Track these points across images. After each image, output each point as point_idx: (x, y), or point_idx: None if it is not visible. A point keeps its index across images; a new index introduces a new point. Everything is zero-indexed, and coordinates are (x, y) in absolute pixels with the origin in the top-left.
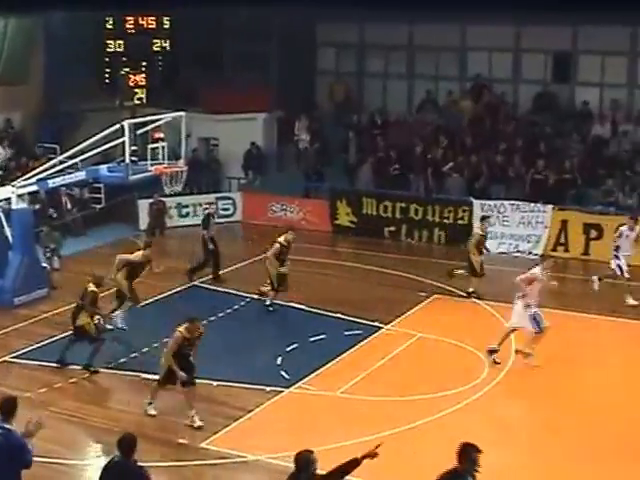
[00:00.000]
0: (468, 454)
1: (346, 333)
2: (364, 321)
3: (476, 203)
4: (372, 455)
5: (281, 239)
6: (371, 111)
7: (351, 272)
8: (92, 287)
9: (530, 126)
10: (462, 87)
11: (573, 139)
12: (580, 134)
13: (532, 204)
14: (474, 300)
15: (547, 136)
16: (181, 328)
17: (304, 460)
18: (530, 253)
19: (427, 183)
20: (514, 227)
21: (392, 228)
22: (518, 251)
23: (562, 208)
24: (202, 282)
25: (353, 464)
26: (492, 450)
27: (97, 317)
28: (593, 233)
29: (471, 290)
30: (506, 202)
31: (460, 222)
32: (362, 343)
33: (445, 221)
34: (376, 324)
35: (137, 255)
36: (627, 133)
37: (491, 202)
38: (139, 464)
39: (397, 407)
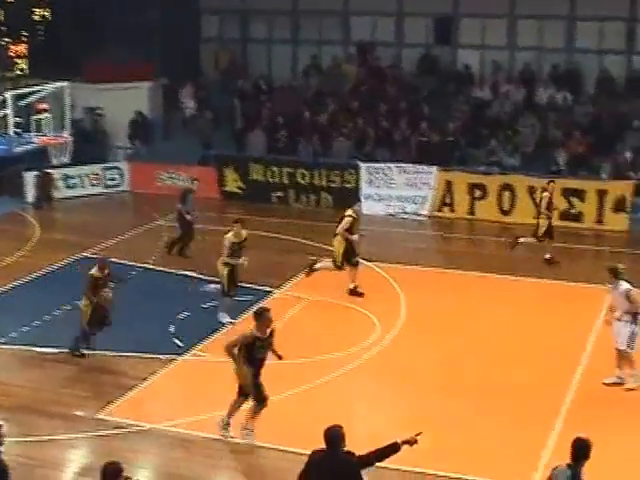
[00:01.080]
0: (582, 450)
1: (238, 299)
2: (255, 286)
3: (362, 166)
4: (412, 442)
5: (350, 212)
6: (256, 77)
7: None
8: (93, 270)
9: (413, 89)
10: (346, 51)
11: (456, 101)
12: (462, 96)
13: (417, 166)
14: (364, 262)
15: (430, 99)
16: (251, 327)
17: (335, 435)
18: (416, 214)
19: (314, 148)
20: (400, 189)
21: (280, 193)
22: (405, 212)
23: (447, 169)
24: (93, 254)
25: (392, 449)
26: (385, 407)
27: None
28: (477, 193)
29: (548, 256)
30: (392, 164)
31: (347, 185)
32: (254, 308)
33: (332, 185)
34: (267, 289)
35: (231, 234)
36: (508, 94)
37: (377, 165)
38: None
39: (291, 369)
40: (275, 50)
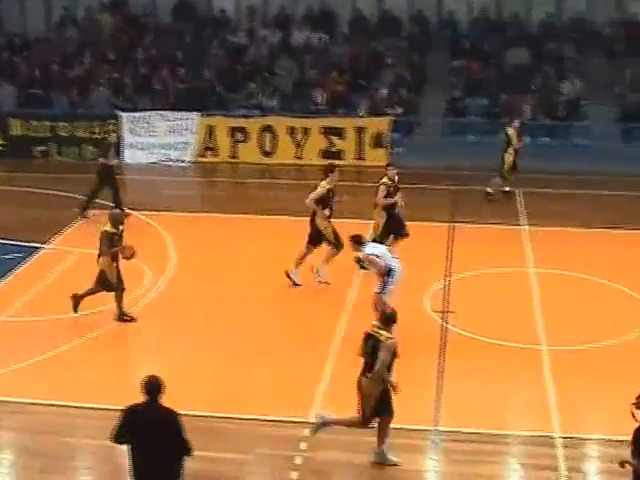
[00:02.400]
0: None
1: (5, 257)
2: (22, 243)
3: (124, 116)
4: None
5: (384, 179)
6: (9, 31)
7: (3, 195)
8: (106, 227)
9: (170, 36)
10: (100, 1)
11: (212, 46)
12: (219, 41)
13: (178, 113)
14: (129, 211)
15: (187, 45)
16: (385, 333)
17: (154, 385)
18: (180, 160)
19: (72, 100)
20: (163, 137)
21: (42, 147)
22: (169, 159)
23: (208, 114)
24: None
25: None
26: (164, 353)
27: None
28: (239, 136)
29: (490, 190)
30: (153, 112)
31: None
32: (23, 266)
33: (94, 136)
34: (35, 245)
35: (322, 187)
36: (265, 38)
37: (138, 114)
38: None
39: (66, 324)
40: (28, 3)
